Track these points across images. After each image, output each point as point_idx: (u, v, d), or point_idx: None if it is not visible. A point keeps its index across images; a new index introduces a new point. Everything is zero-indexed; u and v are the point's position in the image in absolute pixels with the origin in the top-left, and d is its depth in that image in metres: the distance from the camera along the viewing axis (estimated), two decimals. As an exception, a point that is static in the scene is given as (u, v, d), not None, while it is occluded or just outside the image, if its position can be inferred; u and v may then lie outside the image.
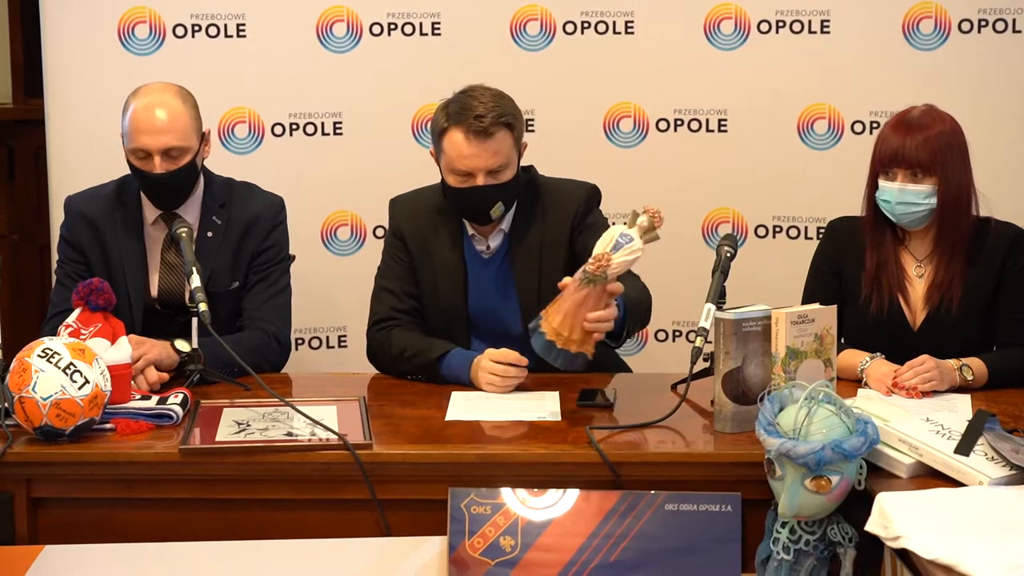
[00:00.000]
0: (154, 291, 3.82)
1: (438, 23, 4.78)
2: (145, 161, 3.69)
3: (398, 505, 3.07)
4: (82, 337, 3.33)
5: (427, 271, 3.76)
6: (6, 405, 3.11)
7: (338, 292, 4.82)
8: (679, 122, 4.83)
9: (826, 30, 4.72)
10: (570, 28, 4.79)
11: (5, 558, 2.97)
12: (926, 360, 3.43)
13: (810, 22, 4.72)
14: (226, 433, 3.16)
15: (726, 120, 4.80)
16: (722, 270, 3.35)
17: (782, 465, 2.81)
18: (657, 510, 2.94)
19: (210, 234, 3.81)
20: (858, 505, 2.84)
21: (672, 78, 4.80)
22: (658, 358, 4.84)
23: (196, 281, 3.43)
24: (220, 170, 3.97)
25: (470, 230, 3.75)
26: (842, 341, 3.59)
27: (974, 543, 2.54)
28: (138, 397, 3.34)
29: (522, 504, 2.95)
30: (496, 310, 3.75)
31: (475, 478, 3.02)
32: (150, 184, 3.73)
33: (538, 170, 3.83)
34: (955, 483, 2.86)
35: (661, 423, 3.22)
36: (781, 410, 2.90)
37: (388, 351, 3.69)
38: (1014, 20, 4.62)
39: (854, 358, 3.55)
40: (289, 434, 3.14)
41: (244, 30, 4.73)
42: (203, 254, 3.70)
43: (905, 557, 2.65)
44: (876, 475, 2.92)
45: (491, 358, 3.50)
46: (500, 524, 2.94)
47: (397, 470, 3.08)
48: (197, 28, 4.71)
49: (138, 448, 3.11)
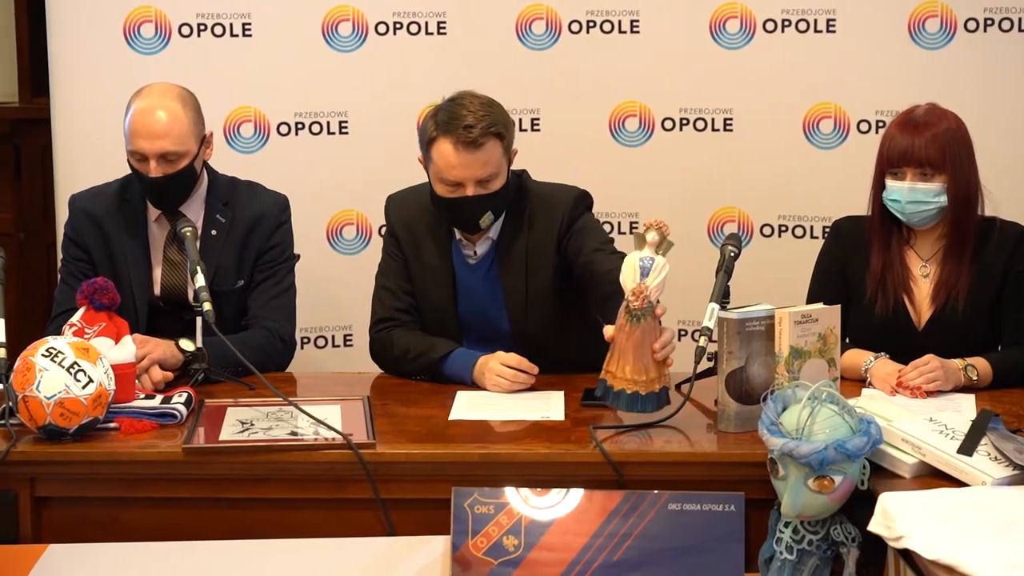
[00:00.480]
0: (157, 288, 3.82)
1: (444, 22, 4.77)
2: (143, 163, 3.70)
3: (401, 504, 3.07)
4: (86, 336, 3.33)
5: (418, 271, 3.75)
6: (10, 404, 3.11)
7: (343, 291, 4.81)
8: (685, 121, 4.82)
9: (832, 29, 4.71)
10: (575, 27, 4.78)
11: (9, 557, 2.97)
12: (931, 360, 3.43)
13: (816, 21, 4.71)
14: (230, 432, 3.16)
15: (731, 119, 4.79)
16: (726, 269, 3.34)
17: (785, 465, 2.81)
18: (660, 510, 2.93)
19: (214, 232, 3.81)
20: (861, 505, 2.84)
21: (678, 77, 4.79)
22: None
23: (200, 280, 3.43)
24: (225, 169, 3.97)
25: (458, 235, 3.72)
26: (846, 341, 3.59)
27: (977, 543, 2.54)
28: (142, 396, 3.34)
29: (525, 503, 2.95)
30: (486, 314, 3.73)
31: (479, 477, 3.02)
32: (147, 186, 3.74)
33: (543, 169, 3.81)
34: (958, 483, 2.86)
35: (664, 423, 3.22)
36: (784, 410, 2.90)
37: (391, 352, 3.69)
38: (1020, 19, 4.60)
39: (858, 358, 3.54)
40: (293, 433, 3.15)
41: (250, 29, 4.73)
42: (207, 253, 3.71)
43: (908, 557, 2.64)
44: (879, 475, 2.92)
45: (502, 361, 3.50)
46: (503, 523, 2.94)
47: (401, 469, 3.08)
48: (203, 27, 4.71)
49: (142, 447, 3.12)
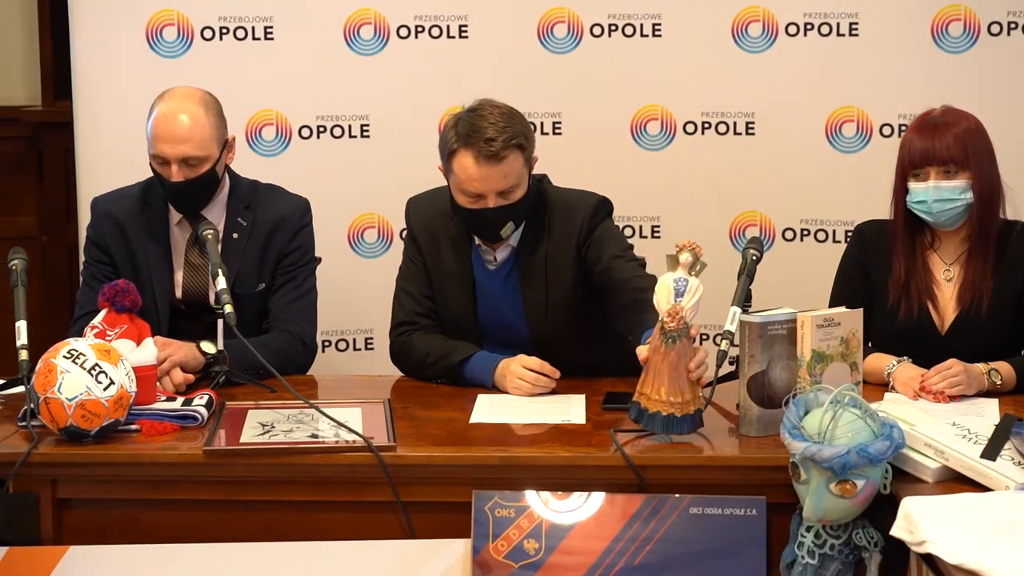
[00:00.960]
0: (178, 291, 3.83)
1: (465, 26, 4.77)
2: (164, 167, 3.71)
3: (422, 507, 3.06)
4: (108, 338, 3.33)
5: (438, 275, 3.75)
6: (32, 406, 3.12)
7: (365, 294, 4.80)
8: (706, 125, 4.82)
9: (854, 32, 4.70)
10: (597, 31, 4.78)
11: (31, 559, 2.98)
12: (954, 364, 3.41)
13: (838, 24, 4.70)
14: (251, 435, 3.16)
15: (753, 123, 4.78)
16: (748, 273, 3.34)
17: (807, 469, 2.80)
18: (682, 514, 2.93)
19: (235, 235, 3.82)
20: (883, 509, 2.82)
21: (700, 80, 4.78)
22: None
23: (222, 283, 3.44)
24: (247, 172, 3.98)
25: (477, 240, 3.72)
26: (869, 345, 3.57)
27: (1000, 548, 2.53)
28: (163, 398, 3.35)
29: (546, 507, 2.95)
30: (505, 320, 3.73)
31: (499, 481, 3.01)
32: (169, 190, 3.74)
33: (564, 173, 3.81)
34: (981, 488, 2.84)
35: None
36: (806, 414, 2.88)
37: (411, 356, 3.69)
38: (1044, 22, 4.60)
39: (881, 362, 3.53)
40: (314, 436, 3.15)
41: (272, 33, 4.74)
42: (228, 256, 3.70)
43: (931, 562, 2.63)
44: (901, 479, 2.90)
45: (523, 364, 3.49)
46: (524, 527, 2.94)
47: (421, 472, 3.07)
48: (225, 31, 4.72)
49: (163, 449, 3.12)
